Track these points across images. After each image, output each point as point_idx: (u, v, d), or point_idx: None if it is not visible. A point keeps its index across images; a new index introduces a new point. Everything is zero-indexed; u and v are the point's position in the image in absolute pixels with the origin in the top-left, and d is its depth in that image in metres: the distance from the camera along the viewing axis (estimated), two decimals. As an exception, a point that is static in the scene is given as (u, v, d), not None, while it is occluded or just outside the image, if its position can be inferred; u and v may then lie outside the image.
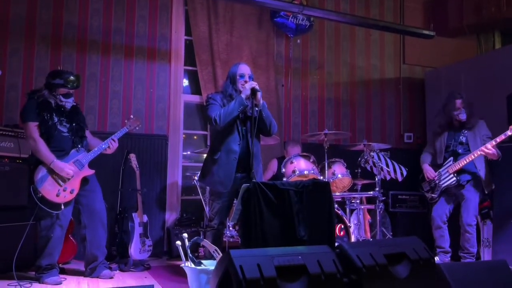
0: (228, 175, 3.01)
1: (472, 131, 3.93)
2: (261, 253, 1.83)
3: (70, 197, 3.22)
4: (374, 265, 1.96)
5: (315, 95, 5.48)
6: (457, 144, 3.95)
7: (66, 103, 3.29)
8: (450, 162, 3.91)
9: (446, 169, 3.92)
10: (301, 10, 4.42)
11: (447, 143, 4.02)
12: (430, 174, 4.05)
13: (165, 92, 4.77)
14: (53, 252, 3.22)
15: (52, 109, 3.23)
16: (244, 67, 3.18)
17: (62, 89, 3.26)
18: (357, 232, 4.22)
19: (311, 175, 3.81)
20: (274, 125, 3.16)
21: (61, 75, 3.26)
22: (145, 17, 4.73)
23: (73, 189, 3.22)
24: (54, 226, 3.19)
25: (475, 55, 5.96)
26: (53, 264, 3.24)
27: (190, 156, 5.03)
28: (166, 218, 4.64)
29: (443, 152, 4.02)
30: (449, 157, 3.95)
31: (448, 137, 4.03)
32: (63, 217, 3.22)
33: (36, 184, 3.09)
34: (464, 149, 3.91)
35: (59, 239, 3.25)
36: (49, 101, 3.24)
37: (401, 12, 6.04)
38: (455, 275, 2.22)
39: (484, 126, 3.96)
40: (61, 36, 4.37)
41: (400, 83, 5.95)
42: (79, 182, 3.27)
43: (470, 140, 3.91)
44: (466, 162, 3.78)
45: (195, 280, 2.51)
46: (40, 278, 3.17)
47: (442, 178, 3.93)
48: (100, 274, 3.38)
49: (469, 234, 3.82)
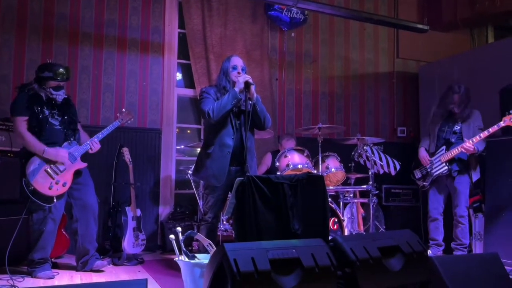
0: (222, 169, 3.00)
1: (467, 122, 3.97)
2: (255, 247, 1.83)
3: (63, 190, 3.19)
4: (368, 258, 1.98)
5: (309, 89, 5.47)
6: (451, 133, 3.98)
7: (57, 96, 3.25)
8: (442, 151, 3.95)
9: (438, 158, 3.95)
10: (295, 3, 4.40)
11: (441, 128, 4.05)
12: (423, 159, 4.06)
13: (158, 86, 4.73)
14: (45, 246, 3.20)
15: (43, 102, 3.21)
16: (236, 59, 3.17)
17: (52, 82, 3.22)
18: (350, 225, 4.24)
19: (305, 169, 3.82)
20: (268, 119, 3.15)
21: (50, 68, 3.22)
22: (138, 9, 4.68)
23: (65, 182, 3.20)
24: (46, 220, 3.16)
25: (468, 49, 5.99)
26: (46, 258, 3.22)
27: (183, 150, 5.01)
28: (160, 212, 4.63)
29: (436, 139, 4.04)
30: (442, 146, 3.98)
31: (442, 124, 4.06)
32: (56, 211, 3.20)
33: (28, 177, 3.06)
34: (457, 138, 3.95)
35: (52, 233, 3.23)
36: (39, 95, 3.21)
37: (396, 6, 6.04)
38: (447, 268, 2.25)
39: (479, 117, 4.00)
40: (52, 27, 4.31)
41: (394, 77, 5.97)
42: (71, 175, 3.25)
43: (464, 129, 3.96)
44: (457, 152, 3.82)
45: (189, 273, 2.51)
46: (32, 273, 3.15)
47: (434, 167, 3.96)
48: (93, 267, 3.37)
49: (462, 224, 3.89)
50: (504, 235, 3.64)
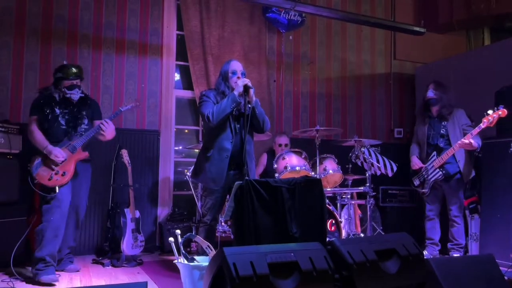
0: (220, 173, 3.02)
1: (450, 121, 4.04)
2: (254, 250, 1.86)
3: (63, 179, 3.25)
4: (365, 261, 2.01)
5: (306, 90, 5.50)
6: (438, 137, 4.05)
7: (72, 95, 3.39)
8: (434, 157, 4.02)
9: (431, 164, 4.02)
10: (293, 6, 4.42)
11: (427, 133, 4.14)
12: (416, 165, 4.15)
13: (156, 87, 4.75)
14: (53, 238, 3.17)
15: (55, 102, 3.37)
16: (236, 63, 3.18)
17: (65, 82, 3.39)
18: (347, 227, 4.27)
19: (303, 171, 3.85)
20: (267, 122, 3.17)
21: (61, 69, 3.43)
22: (137, 11, 4.70)
23: (65, 171, 3.27)
24: (53, 209, 3.19)
25: (464, 51, 6.03)
26: (53, 256, 3.19)
27: (182, 151, 5.03)
28: (158, 213, 4.65)
29: (425, 144, 4.12)
30: (432, 152, 4.05)
31: (428, 128, 4.15)
32: (61, 199, 3.23)
33: (32, 172, 3.19)
34: (445, 142, 4.03)
35: (59, 226, 3.21)
36: (53, 96, 3.38)
37: (392, 8, 6.08)
38: (443, 269, 2.28)
39: (463, 115, 4.09)
40: (51, 29, 4.32)
41: (390, 78, 6.00)
42: (72, 165, 3.33)
43: (450, 131, 4.03)
44: (448, 156, 3.90)
45: (188, 276, 2.53)
46: (36, 275, 3.11)
47: (430, 173, 4.02)
48: (65, 268, 3.46)
49: (457, 224, 3.96)
50: (500, 236, 3.68)
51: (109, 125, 3.42)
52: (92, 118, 3.56)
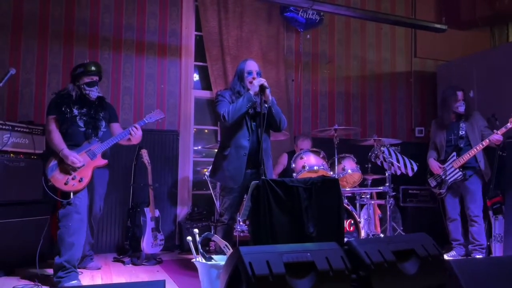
0: (238, 171, 3.03)
1: (469, 122, 4.02)
2: (270, 250, 1.86)
3: (79, 185, 3.16)
4: (383, 262, 1.98)
5: (325, 90, 5.47)
6: (458, 139, 4.01)
7: (91, 92, 3.34)
8: (454, 157, 3.97)
9: (451, 164, 3.96)
10: (311, 5, 4.40)
11: (448, 138, 4.11)
12: (435, 169, 4.11)
13: (176, 88, 4.80)
14: (73, 245, 3.06)
15: (72, 101, 3.30)
16: (251, 63, 3.18)
17: (85, 78, 3.33)
18: (367, 227, 4.23)
19: (321, 171, 3.83)
20: (284, 120, 3.17)
21: (82, 65, 3.38)
22: (156, 13, 4.76)
23: (82, 177, 3.17)
24: (71, 215, 3.10)
25: (488, 48, 5.88)
26: (73, 263, 3.06)
27: (201, 151, 5.07)
28: (178, 212, 4.70)
29: (444, 147, 4.07)
30: (452, 152, 3.99)
31: (448, 132, 4.11)
32: (80, 205, 3.14)
33: (47, 173, 3.13)
34: (465, 143, 4.00)
35: (78, 230, 3.13)
36: (70, 94, 3.31)
37: (413, 5, 5.97)
38: (465, 271, 2.23)
39: (481, 117, 4.07)
40: (73, 32, 4.43)
41: (411, 76, 5.91)
42: (90, 171, 3.24)
43: (469, 133, 4.01)
44: (470, 156, 3.84)
45: (206, 274, 2.55)
46: (57, 284, 2.99)
47: (448, 173, 3.96)
48: (87, 266, 3.49)
49: (478, 224, 3.89)
50: (524, 237, 3.58)
51: (139, 131, 3.40)
52: (110, 121, 3.53)
